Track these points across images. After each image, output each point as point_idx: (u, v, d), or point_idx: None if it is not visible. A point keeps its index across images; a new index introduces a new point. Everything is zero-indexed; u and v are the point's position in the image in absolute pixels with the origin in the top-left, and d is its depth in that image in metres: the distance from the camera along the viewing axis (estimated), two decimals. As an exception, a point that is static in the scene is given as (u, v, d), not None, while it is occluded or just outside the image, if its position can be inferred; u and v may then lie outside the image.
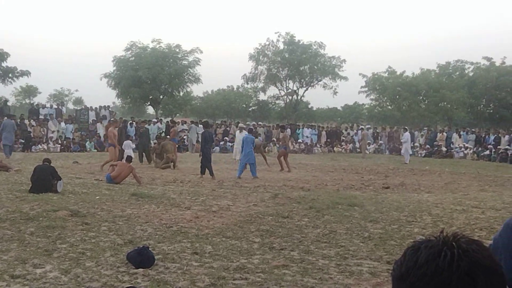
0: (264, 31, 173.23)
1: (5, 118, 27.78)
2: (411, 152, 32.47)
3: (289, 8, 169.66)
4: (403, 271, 1.29)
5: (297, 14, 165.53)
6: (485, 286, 1.20)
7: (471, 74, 51.87)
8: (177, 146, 26.96)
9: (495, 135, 37.26)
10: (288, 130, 34.77)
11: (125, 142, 23.75)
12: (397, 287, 1.31)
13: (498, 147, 34.55)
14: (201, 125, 28.96)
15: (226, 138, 37.63)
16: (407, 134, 31.96)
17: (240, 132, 26.00)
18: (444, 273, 1.21)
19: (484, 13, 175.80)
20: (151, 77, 44.58)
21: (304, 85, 54.74)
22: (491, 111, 50.66)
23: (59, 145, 31.87)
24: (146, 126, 33.95)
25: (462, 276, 1.20)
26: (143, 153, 24.96)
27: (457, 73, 53.05)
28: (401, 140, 32.77)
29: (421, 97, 50.59)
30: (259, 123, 45.68)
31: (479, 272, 1.21)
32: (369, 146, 40.05)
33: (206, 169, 18.96)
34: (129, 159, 18.01)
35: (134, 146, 23.63)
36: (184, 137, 37.07)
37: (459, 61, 53.80)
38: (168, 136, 34.16)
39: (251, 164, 19.93)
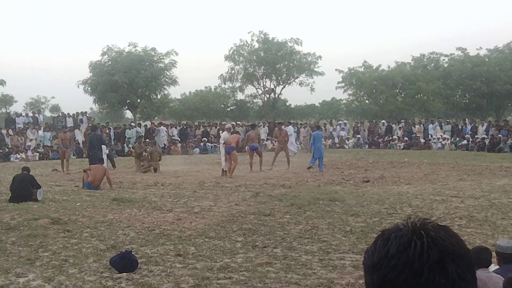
0: (240, 30, 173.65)
1: None
2: (296, 145, 33.64)
3: (263, 7, 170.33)
4: (375, 261, 1.31)
5: (270, 12, 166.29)
6: (455, 272, 1.25)
7: (445, 65, 52.35)
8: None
9: (472, 125, 37.71)
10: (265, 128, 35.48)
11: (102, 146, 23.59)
12: (370, 276, 1.34)
13: (475, 136, 34.96)
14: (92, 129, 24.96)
15: (205, 139, 37.42)
16: (290, 127, 34.31)
17: (229, 133, 20.54)
18: (415, 264, 1.24)
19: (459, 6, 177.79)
20: (128, 81, 44.32)
21: (281, 83, 54.85)
22: (467, 101, 51.16)
23: (38, 154, 31.58)
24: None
25: (432, 265, 1.24)
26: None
27: (432, 64, 53.48)
28: None
29: (397, 90, 50.83)
30: (238, 122, 45.64)
31: (448, 259, 1.25)
32: (348, 140, 40.32)
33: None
34: (101, 160, 17.94)
35: (107, 151, 23.25)
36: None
37: (433, 53, 54.31)
38: (148, 140, 33.90)
39: (319, 158, 21.16)
